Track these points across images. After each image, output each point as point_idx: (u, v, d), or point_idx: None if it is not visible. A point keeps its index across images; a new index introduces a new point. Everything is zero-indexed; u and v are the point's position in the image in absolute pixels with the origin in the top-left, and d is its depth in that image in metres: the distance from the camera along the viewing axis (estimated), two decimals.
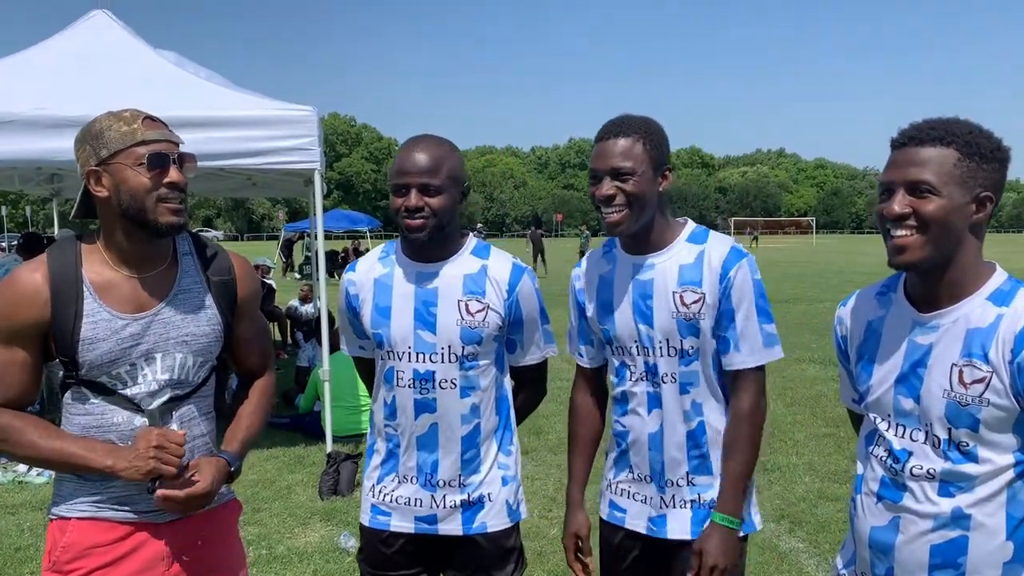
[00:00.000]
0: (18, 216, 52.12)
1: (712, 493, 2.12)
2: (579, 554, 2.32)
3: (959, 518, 1.65)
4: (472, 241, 2.31)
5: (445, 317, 2.20)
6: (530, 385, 2.45)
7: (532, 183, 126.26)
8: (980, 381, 1.61)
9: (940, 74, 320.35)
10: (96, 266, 1.92)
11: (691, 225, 2.17)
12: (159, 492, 1.85)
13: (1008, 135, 1.76)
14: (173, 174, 1.89)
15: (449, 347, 2.20)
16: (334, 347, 6.32)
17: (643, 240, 2.13)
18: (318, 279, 6.39)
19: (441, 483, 2.26)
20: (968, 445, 1.63)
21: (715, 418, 2.13)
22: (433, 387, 2.22)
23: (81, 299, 1.87)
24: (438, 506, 2.27)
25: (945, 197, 1.59)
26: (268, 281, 12.49)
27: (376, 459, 2.35)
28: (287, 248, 28.38)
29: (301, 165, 5.72)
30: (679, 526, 2.15)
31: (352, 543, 4.51)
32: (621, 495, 2.26)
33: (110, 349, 1.88)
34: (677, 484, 2.14)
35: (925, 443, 1.68)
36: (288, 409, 7.51)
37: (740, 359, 2.08)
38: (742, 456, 2.09)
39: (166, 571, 1.98)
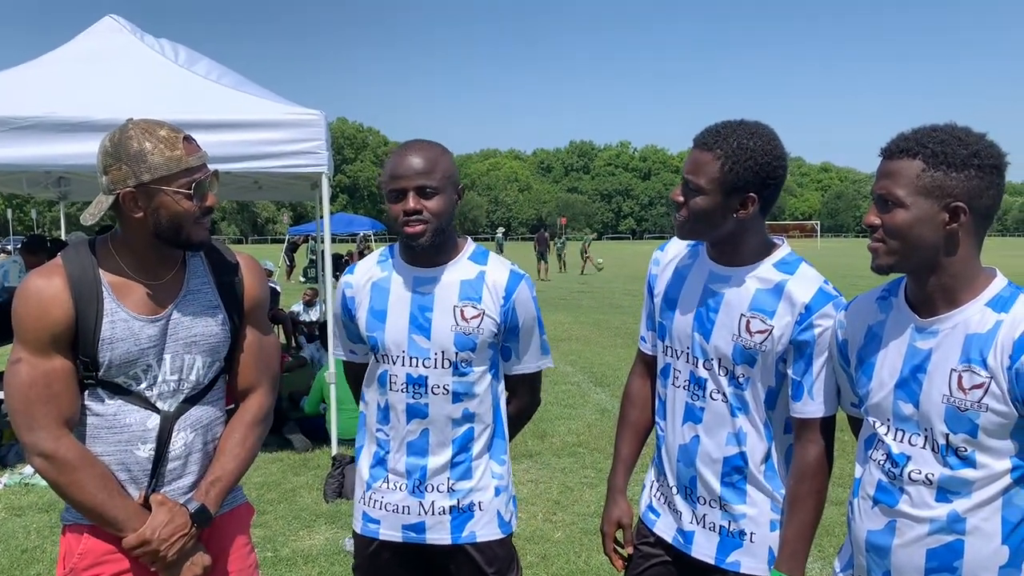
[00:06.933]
0: (25, 219, 52.28)
1: (745, 524, 2.04)
2: (617, 545, 2.27)
3: (955, 522, 1.66)
4: (471, 246, 2.29)
5: (440, 322, 2.18)
6: (523, 395, 2.40)
7: (536, 186, 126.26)
8: (979, 387, 1.62)
9: (948, 77, 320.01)
10: (111, 269, 1.93)
11: (784, 249, 2.04)
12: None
13: (1019, 140, 1.76)
14: (211, 199, 1.93)
15: (443, 353, 2.18)
16: None
17: (723, 251, 2.04)
18: (324, 282, 6.40)
19: (430, 488, 2.22)
20: (966, 450, 1.64)
21: (758, 452, 2.03)
22: (426, 392, 2.19)
23: (101, 299, 1.89)
24: (426, 512, 2.23)
25: (910, 208, 1.63)
26: (272, 285, 12.53)
27: (365, 464, 2.32)
28: (291, 251, 28.46)
29: (309, 168, 5.73)
30: (705, 548, 2.09)
31: None
32: (658, 499, 2.22)
33: (128, 349, 1.90)
34: (709, 504, 2.07)
35: (924, 448, 1.70)
36: (294, 412, 7.53)
37: (814, 408, 1.95)
38: (808, 512, 1.96)
39: None
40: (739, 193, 1.92)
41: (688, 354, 2.08)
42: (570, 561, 4.38)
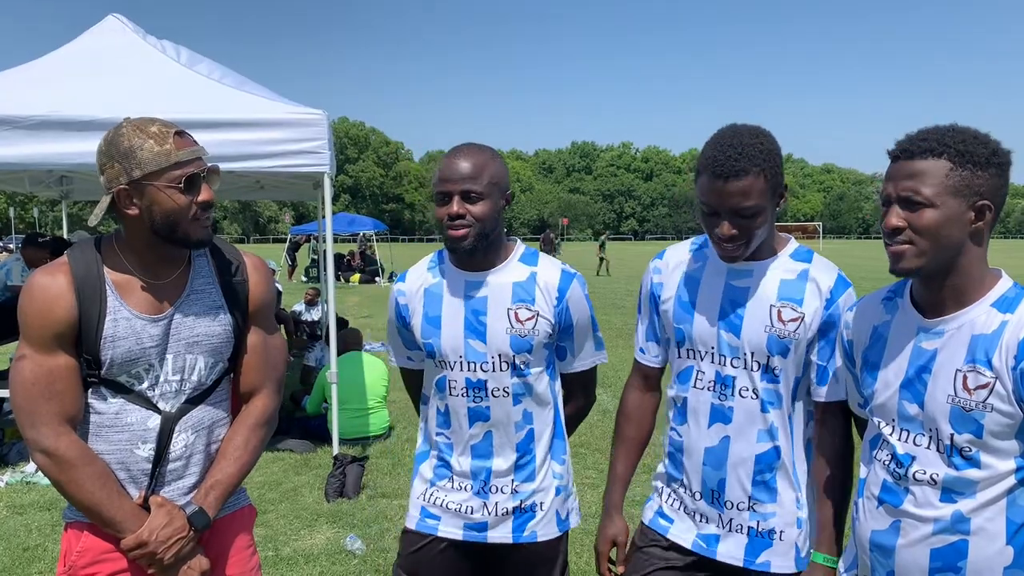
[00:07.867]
0: (27, 218, 52.39)
1: (774, 522, 2.04)
2: (611, 563, 2.26)
3: (959, 522, 1.66)
4: (520, 248, 2.29)
5: (495, 326, 2.18)
6: (580, 392, 2.40)
7: (539, 187, 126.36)
8: (984, 387, 1.62)
9: (949, 78, 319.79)
10: (116, 268, 1.93)
11: (794, 243, 2.10)
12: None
13: (1020, 140, 1.77)
14: (205, 193, 1.90)
15: (500, 356, 2.18)
16: (341, 350, 6.38)
17: None
18: (326, 282, 6.41)
19: (494, 489, 2.24)
20: (971, 451, 1.64)
21: (786, 446, 2.04)
22: (486, 395, 2.20)
23: (104, 298, 1.88)
24: (490, 513, 2.24)
25: (940, 208, 1.61)
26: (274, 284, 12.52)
27: (428, 465, 2.34)
28: (293, 251, 28.46)
29: (311, 168, 5.73)
30: (732, 549, 2.08)
31: (359, 545, 4.53)
32: (671, 505, 2.19)
33: (130, 348, 1.89)
34: (737, 507, 2.06)
35: (929, 448, 1.70)
36: (295, 412, 7.53)
37: (838, 392, 1.99)
38: (841, 496, 1.99)
39: None
40: (778, 192, 1.97)
41: (714, 354, 2.07)
42: (571, 561, 4.37)
